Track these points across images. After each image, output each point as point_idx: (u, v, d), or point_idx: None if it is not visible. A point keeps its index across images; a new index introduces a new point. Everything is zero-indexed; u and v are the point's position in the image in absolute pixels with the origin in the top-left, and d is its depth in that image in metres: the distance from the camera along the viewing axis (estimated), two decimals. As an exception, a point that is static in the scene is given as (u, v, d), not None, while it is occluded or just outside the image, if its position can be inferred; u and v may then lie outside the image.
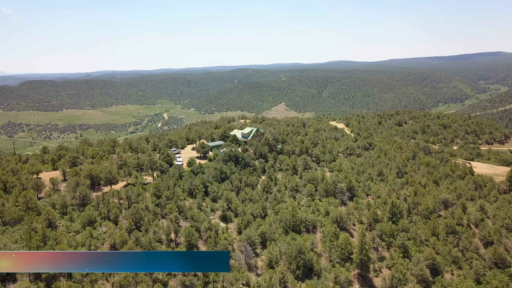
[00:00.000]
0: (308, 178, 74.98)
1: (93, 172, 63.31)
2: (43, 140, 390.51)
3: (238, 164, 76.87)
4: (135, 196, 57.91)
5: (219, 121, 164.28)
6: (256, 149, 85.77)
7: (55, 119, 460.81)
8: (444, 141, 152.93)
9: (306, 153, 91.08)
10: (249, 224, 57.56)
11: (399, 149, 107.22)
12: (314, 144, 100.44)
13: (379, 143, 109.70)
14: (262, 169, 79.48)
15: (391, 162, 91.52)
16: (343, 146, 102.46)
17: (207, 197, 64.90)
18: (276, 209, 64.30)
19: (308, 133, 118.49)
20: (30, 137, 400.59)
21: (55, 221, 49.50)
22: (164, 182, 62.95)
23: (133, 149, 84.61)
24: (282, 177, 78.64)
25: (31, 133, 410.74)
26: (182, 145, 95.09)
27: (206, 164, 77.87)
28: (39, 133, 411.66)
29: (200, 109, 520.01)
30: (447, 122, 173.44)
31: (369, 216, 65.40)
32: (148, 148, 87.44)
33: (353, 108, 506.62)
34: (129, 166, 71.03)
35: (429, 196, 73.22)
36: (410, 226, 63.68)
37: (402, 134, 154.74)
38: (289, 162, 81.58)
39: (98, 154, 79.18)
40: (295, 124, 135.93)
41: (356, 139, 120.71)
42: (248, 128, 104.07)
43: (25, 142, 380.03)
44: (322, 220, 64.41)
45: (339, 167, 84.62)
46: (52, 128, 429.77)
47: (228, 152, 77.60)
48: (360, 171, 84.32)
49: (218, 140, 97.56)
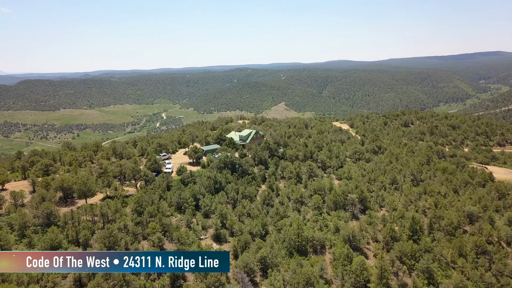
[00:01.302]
0: (314, 187, 66.08)
1: (66, 183, 54.31)
2: (39, 140, 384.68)
3: (234, 172, 67.93)
4: (112, 213, 48.92)
5: (216, 122, 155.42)
6: (256, 154, 76.80)
7: (52, 119, 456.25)
8: (454, 143, 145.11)
9: (311, 158, 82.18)
10: (247, 246, 48.66)
11: (411, 153, 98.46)
12: (319, 147, 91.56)
13: (389, 146, 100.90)
14: (262, 177, 70.51)
15: (404, 168, 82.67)
16: (350, 150, 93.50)
17: (198, 211, 55.99)
18: (278, 225, 55.42)
19: (311, 135, 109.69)
20: (26, 137, 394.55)
21: (9, 246, 40.44)
22: (147, 195, 53.93)
23: (117, 154, 75.49)
24: (284, 186, 69.71)
25: (27, 133, 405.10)
26: (174, 149, 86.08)
27: (199, 172, 68.87)
28: (35, 133, 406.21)
29: (199, 109, 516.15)
30: (456, 123, 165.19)
31: (385, 233, 56.58)
32: (135, 153, 78.39)
33: (354, 107, 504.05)
34: (110, 175, 62.04)
35: (452, 209, 64.46)
36: (433, 246, 54.90)
37: (409, 135, 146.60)
38: (292, 169, 72.59)
39: (78, 160, 70.15)
40: (297, 125, 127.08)
41: (363, 141, 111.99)
42: (246, 130, 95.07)
43: (21, 142, 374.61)
44: (332, 238, 55.55)
45: (348, 174, 75.69)
46: (49, 128, 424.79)
47: (224, 158, 68.63)
48: (372, 179, 75.41)
49: (214, 143, 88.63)
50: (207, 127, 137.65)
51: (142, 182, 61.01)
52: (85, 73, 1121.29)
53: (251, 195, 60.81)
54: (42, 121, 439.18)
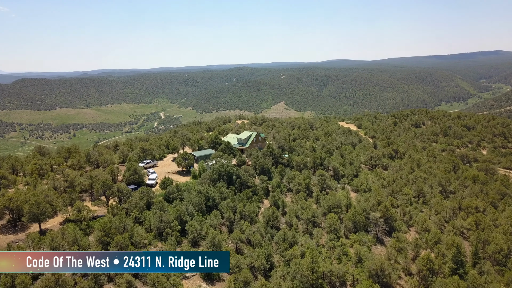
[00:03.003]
0: (329, 203, 54.14)
1: (14, 203, 42.19)
2: (34, 140, 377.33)
3: (231, 185, 55.81)
4: (69, 245, 36.85)
5: (212, 122, 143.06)
6: (257, 161, 64.71)
7: (48, 118, 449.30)
8: (470, 145, 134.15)
9: (321, 165, 70.24)
10: (246, 287, 36.73)
11: (432, 158, 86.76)
12: (329, 152, 79.52)
13: (407, 151, 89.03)
14: (264, 190, 58.46)
15: (430, 177, 70.79)
16: (365, 155, 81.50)
17: (184, 237, 44.04)
18: (286, 256, 43.52)
19: (318, 137, 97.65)
20: (21, 136, 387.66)
21: None
22: (118, 218, 41.84)
23: (91, 162, 63.16)
24: (292, 201, 57.71)
25: (22, 133, 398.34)
26: (161, 155, 73.92)
27: (188, 184, 56.74)
28: (31, 132, 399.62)
29: (197, 108, 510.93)
30: (470, 123, 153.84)
31: (420, 264, 44.79)
32: (113, 160, 66.15)
33: (355, 107, 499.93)
34: (77, 189, 49.97)
35: (498, 230, 52.73)
36: (483, 282, 43.11)
37: (422, 137, 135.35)
38: (301, 180, 60.42)
39: (42, 169, 57.94)
40: (301, 126, 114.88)
41: (376, 144, 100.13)
42: (246, 133, 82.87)
43: (16, 142, 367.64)
44: (354, 272, 43.69)
45: (366, 186, 63.67)
46: (45, 127, 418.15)
47: (218, 168, 56.55)
48: (394, 191, 63.46)
49: (208, 148, 76.52)
50: (203, 128, 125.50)
51: (116, 198, 48.92)
52: (84, 72, 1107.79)
53: (251, 214, 48.81)
54: (38, 121, 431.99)
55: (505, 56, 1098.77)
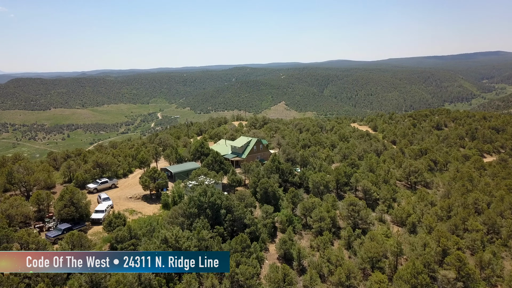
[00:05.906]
0: (368, 254, 34.29)
1: None
2: (27, 141, 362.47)
3: (218, 224, 35.75)
4: None
5: (205, 124, 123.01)
6: (257, 180, 44.73)
7: (42, 118, 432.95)
8: (503, 150, 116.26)
9: (346, 185, 50.45)
10: None
11: (482, 170, 67.17)
12: (353, 165, 58.97)
13: (451, 162, 69.34)
14: (269, 229, 38.49)
15: (495, 200, 50.98)
16: (400, 169, 61.24)
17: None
18: None
19: (334, 143, 77.53)
20: (14, 137, 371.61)
21: None
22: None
23: (16, 182, 42.73)
24: (311, 246, 37.88)
25: (15, 134, 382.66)
26: (127, 169, 53.76)
27: (151, 220, 36.61)
28: (24, 133, 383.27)
29: (195, 108, 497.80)
30: (498, 125, 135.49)
31: None
32: (54, 179, 45.85)
33: (356, 107, 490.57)
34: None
35: None
36: None
37: (447, 141, 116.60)
38: (323, 211, 40.29)
39: None
40: (310, 128, 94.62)
41: (403, 151, 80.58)
42: (242, 138, 62.60)
43: (8, 143, 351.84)
44: None
45: (415, 217, 43.70)
46: (38, 128, 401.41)
47: (198, 196, 36.42)
48: (457, 226, 43.54)
49: (190, 160, 56.24)
50: (193, 131, 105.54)
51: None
52: (82, 72, 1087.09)
53: (249, 282, 28.70)
54: (32, 121, 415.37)
55: (506, 57, 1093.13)
